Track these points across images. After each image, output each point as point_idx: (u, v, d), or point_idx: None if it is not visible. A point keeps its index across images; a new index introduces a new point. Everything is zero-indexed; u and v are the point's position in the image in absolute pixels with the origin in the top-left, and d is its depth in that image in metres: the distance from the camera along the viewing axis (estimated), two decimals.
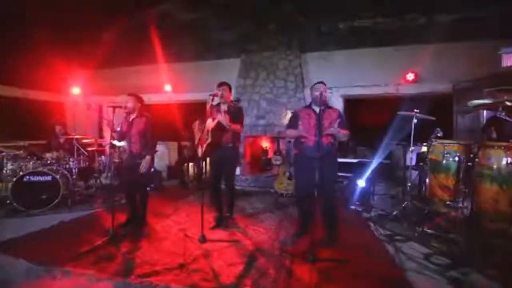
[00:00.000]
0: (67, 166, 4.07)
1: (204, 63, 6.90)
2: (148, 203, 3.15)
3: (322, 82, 2.65)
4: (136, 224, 3.04)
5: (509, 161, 2.08)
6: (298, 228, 2.84)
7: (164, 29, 6.09)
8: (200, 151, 3.13)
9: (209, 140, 2.87)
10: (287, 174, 4.40)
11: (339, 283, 1.94)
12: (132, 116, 3.07)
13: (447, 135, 4.55)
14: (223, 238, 2.70)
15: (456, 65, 4.80)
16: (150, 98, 7.04)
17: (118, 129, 3.09)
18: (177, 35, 6.51)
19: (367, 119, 5.90)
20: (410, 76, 5.38)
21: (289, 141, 4.80)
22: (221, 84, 3.00)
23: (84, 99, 7.42)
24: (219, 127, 2.84)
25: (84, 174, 4.45)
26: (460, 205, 2.41)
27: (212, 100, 2.84)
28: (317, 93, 2.58)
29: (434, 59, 5.05)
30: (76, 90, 7.09)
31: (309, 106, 2.69)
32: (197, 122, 5.22)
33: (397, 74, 5.51)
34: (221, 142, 2.93)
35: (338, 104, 5.95)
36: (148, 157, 2.97)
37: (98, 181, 4.56)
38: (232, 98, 2.99)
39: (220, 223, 3.05)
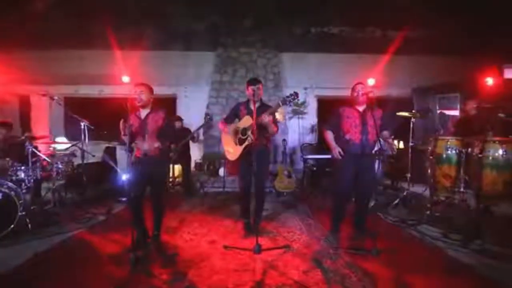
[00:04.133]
0: (14, 178, 3.00)
1: (170, 54, 6.20)
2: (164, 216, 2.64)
3: (361, 83, 2.74)
4: (151, 244, 2.51)
5: (503, 152, 2.66)
6: (331, 224, 2.87)
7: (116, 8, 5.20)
8: (231, 154, 2.81)
9: (251, 141, 2.60)
10: (286, 172, 4.41)
11: (415, 272, 2.06)
12: (145, 112, 2.50)
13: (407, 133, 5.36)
14: (270, 246, 2.50)
15: (411, 74, 5.77)
16: (102, 90, 5.92)
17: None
18: (135, 17, 5.64)
19: None
20: (371, 81, 6.14)
21: (284, 139, 4.82)
22: (255, 82, 2.74)
23: None
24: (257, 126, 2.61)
25: (37, 186, 3.37)
26: (462, 190, 2.93)
27: (252, 96, 2.59)
28: (356, 94, 2.67)
29: (391, 67, 5.92)
30: None
31: (351, 105, 2.73)
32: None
33: (361, 79, 6.18)
34: (257, 143, 2.70)
35: (313, 103, 6.32)
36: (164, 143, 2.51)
37: (56, 194, 3.52)
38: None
39: (252, 230, 2.82)
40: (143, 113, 2.50)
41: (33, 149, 3.06)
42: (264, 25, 6.02)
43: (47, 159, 3.21)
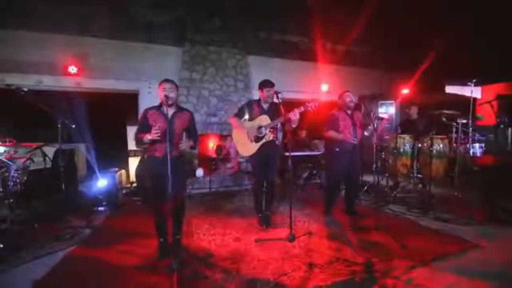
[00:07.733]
0: None
1: (129, 45, 5.59)
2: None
3: (348, 91, 3.26)
4: (175, 248, 2.38)
5: (442, 146, 3.65)
6: (325, 209, 3.29)
7: None
8: (246, 150, 2.89)
9: (270, 138, 2.77)
10: None
11: (406, 237, 2.63)
12: (171, 110, 2.35)
13: None
14: (295, 234, 2.70)
15: (359, 82, 6.89)
16: (40, 82, 4.91)
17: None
18: None
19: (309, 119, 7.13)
20: (325, 87, 7.05)
21: None
22: (270, 84, 2.93)
23: None
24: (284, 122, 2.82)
25: None
26: (415, 175, 3.84)
27: (277, 97, 2.78)
28: (348, 100, 3.17)
29: (342, 76, 6.94)
30: None
31: (342, 110, 3.21)
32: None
33: (317, 84, 7.04)
34: (271, 140, 2.88)
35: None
36: (191, 142, 2.42)
37: (13, 210, 2.80)
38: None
39: (267, 223, 2.99)
40: (169, 111, 2.34)
41: None
42: (231, 25, 6.12)
43: (10, 163, 2.54)
